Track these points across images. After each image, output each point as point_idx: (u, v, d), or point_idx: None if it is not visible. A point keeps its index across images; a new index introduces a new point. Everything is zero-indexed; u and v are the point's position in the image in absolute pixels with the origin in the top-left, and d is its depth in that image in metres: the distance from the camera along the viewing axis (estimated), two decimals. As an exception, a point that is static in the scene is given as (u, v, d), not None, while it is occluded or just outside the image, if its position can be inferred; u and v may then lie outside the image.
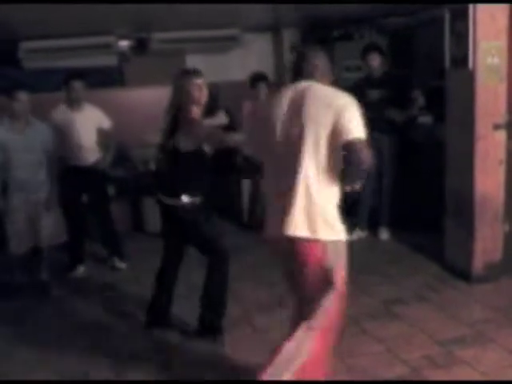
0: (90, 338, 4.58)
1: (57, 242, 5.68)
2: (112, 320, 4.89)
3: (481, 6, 4.71)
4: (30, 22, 5.80)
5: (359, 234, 6.59)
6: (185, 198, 4.22)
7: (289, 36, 8.51)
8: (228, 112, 5.09)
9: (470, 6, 4.71)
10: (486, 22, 4.76)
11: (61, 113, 5.79)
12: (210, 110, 4.39)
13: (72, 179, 5.76)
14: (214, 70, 6.46)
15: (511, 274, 5.15)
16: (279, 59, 8.64)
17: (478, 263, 5.13)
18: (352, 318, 4.60)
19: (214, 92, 4.61)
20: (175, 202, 4.26)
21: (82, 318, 4.96)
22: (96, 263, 6.30)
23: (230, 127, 5.06)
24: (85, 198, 6.02)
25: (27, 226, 5.45)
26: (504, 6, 4.79)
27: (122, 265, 6.13)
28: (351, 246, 6.28)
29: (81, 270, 6.02)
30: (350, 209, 6.43)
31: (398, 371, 3.82)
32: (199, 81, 4.22)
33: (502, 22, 4.81)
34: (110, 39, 7.23)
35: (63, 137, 5.69)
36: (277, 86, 8.19)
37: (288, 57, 8.55)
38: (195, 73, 4.30)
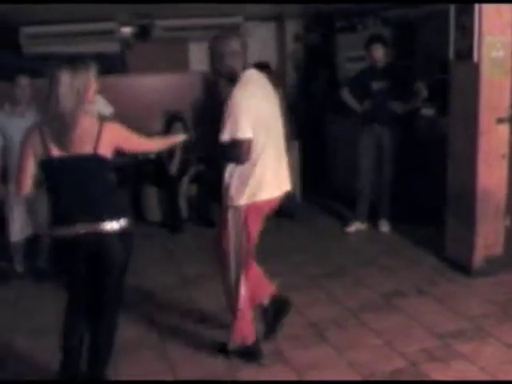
0: (87, 327, 4.56)
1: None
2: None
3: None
4: (32, 7, 5.77)
5: (359, 226, 6.59)
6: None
7: (292, 26, 8.51)
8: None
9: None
10: (491, 16, 4.73)
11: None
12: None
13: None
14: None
15: (511, 269, 5.14)
16: (282, 49, 8.61)
17: (479, 257, 5.12)
18: (351, 311, 4.61)
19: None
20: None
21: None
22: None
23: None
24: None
25: (26, 212, 5.44)
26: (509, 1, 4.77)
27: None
28: (351, 238, 6.44)
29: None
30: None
31: (396, 364, 3.81)
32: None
33: (508, 15, 4.78)
34: (112, 25, 7.21)
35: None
36: (279, 74, 8.19)
37: (291, 47, 8.54)
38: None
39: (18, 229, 5.44)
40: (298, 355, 3.97)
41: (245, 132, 3.52)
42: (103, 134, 3.18)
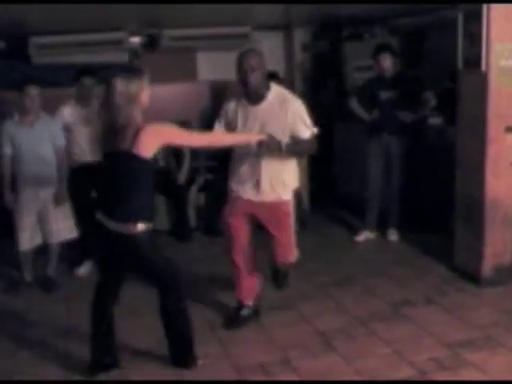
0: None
1: (66, 238, 5.65)
2: (117, 317, 4.87)
3: (495, 8, 4.68)
4: (41, 17, 5.80)
5: (368, 235, 6.58)
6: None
7: (300, 35, 8.52)
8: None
9: (484, 7, 4.67)
10: (499, 24, 4.72)
11: (70, 109, 5.79)
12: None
13: (81, 175, 5.76)
14: (224, 67, 6.43)
15: (521, 278, 5.12)
16: (290, 58, 8.62)
17: (488, 266, 5.10)
18: (360, 320, 4.60)
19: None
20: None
21: (88, 315, 4.94)
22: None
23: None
24: (94, 194, 6.01)
25: (36, 221, 5.45)
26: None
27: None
28: (360, 246, 6.43)
29: (88, 265, 6.01)
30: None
31: (405, 373, 3.80)
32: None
33: (517, 23, 4.78)
34: (121, 35, 7.23)
35: (72, 133, 5.71)
36: (287, 84, 8.20)
37: (299, 56, 8.55)
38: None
39: (27, 238, 5.45)
40: (307, 364, 3.96)
41: None
42: (141, 135, 3.42)
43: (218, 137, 4.21)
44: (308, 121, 4.24)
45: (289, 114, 4.14)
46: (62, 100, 5.82)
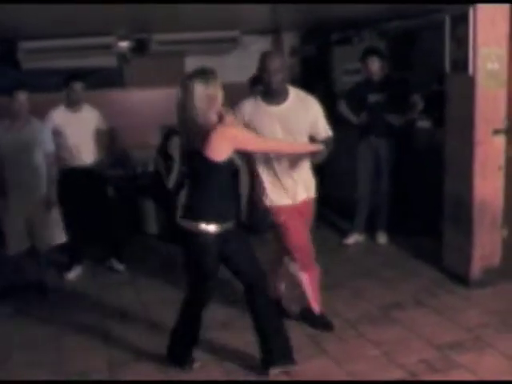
0: (86, 340, 4.58)
1: (56, 243, 5.64)
2: (107, 322, 4.88)
3: (481, 11, 4.72)
4: (30, 22, 5.79)
5: (357, 237, 6.60)
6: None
7: (288, 39, 8.54)
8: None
9: (471, 11, 4.71)
10: (486, 28, 4.76)
11: (60, 113, 5.78)
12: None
13: (71, 180, 5.75)
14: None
15: (509, 279, 5.14)
16: (279, 62, 8.63)
17: (476, 268, 5.13)
18: (349, 322, 4.62)
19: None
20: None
21: (77, 320, 4.95)
22: (94, 264, 6.28)
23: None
24: (84, 198, 6.01)
25: (25, 226, 5.44)
26: (504, 12, 4.79)
27: (120, 266, 6.12)
28: (349, 249, 6.44)
29: (78, 270, 6.01)
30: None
31: (395, 375, 3.82)
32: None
33: (503, 27, 4.82)
34: (109, 40, 7.22)
35: (62, 137, 5.70)
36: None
37: (287, 60, 8.56)
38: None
39: (16, 242, 5.43)
40: (299, 367, 3.96)
41: None
42: (213, 138, 3.51)
43: (281, 145, 4.15)
44: (325, 122, 4.32)
45: (310, 113, 4.21)
46: (52, 104, 5.81)
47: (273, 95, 4.15)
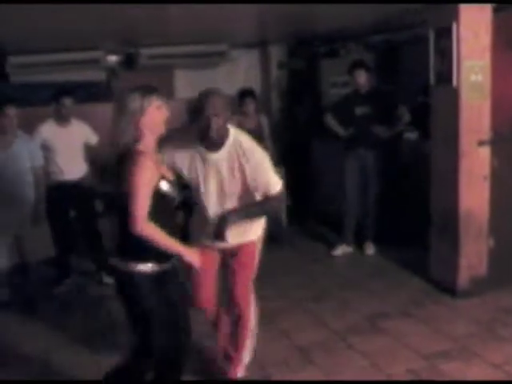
0: (75, 354, 4.57)
1: (43, 257, 5.65)
2: (97, 336, 4.88)
3: (464, 25, 4.79)
4: (19, 36, 5.82)
5: (345, 249, 6.63)
6: None
7: (276, 52, 8.59)
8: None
9: (454, 25, 4.78)
10: (469, 41, 4.83)
11: (48, 127, 5.78)
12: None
13: (59, 194, 5.75)
14: (201, 85, 6.49)
15: (496, 289, 5.17)
16: (266, 75, 8.70)
17: (463, 278, 5.17)
18: (337, 333, 4.64)
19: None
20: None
21: (67, 334, 4.94)
22: (83, 278, 6.27)
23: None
24: (72, 213, 6.02)
25: (13, 240, 5.44)
26: (487, 25, 4.86)
27: (109, 280, 6.09)
28: (337, 260, 6.47)
29: (67, 284, 6.01)
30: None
31: (383, 386, 3.85)
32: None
33: (485, 39, 4.89)
34: (98, 54, 7.25)
35: (50, 152, 5.71)
36: (264, 101, 8.27)
37: (275, 73, 8.63)
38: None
39: (4, 257, 5.42)
40: (287, 379, 3.99)
41: None
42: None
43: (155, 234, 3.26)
44: (271, 173, 3.58)
45: (247, 168, 3.50)
46: (41, 119, 5.82)
47: (210, 141, 3.48)
